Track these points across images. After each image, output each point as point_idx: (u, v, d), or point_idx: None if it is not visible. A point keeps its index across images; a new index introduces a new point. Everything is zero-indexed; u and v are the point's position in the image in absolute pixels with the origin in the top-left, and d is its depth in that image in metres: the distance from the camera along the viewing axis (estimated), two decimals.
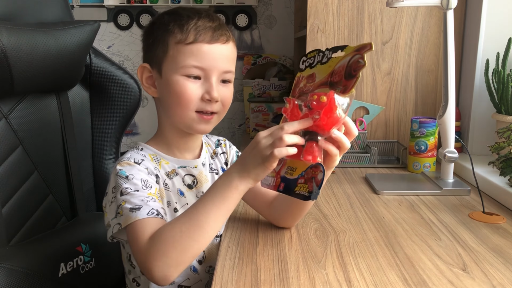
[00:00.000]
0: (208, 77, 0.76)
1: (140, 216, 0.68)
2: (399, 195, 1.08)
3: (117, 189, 0.73)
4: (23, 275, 0.85)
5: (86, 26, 0.98)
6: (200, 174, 0.85)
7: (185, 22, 0.75)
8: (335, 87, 0.64)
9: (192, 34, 0.74)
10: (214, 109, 0.77)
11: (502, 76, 1.19)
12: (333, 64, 0.66)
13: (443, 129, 1.10)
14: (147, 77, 0.80)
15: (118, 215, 0.70)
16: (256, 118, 1.90)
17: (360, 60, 0.62)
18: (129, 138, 2.45)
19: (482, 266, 0.71)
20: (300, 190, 0.64)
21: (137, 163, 0.75)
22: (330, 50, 0.68)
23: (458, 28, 1.37)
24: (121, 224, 0.69)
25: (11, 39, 0.83)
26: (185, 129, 0.80)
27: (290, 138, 0.62)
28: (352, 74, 0.62)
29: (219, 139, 0.95)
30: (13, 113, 0.91)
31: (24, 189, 0.92)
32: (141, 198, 0.70)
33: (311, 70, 0.71)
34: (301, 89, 0.71)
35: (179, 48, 0.75)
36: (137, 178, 0.73)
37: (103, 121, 1.10)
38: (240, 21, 2.31)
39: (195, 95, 0.75)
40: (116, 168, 0.75)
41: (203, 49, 0.74)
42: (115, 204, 0.72)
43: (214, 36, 0.75)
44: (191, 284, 0.83)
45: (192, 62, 0.74)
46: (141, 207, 0.69)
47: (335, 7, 1.41)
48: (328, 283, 0.66)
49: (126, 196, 0.70)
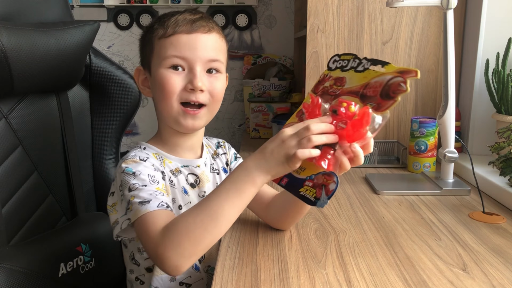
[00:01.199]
0: (191, 68, 0.76)
1: (150, 209, 0.68)
2: (399, 195, 1.08)
3: (124, 186, 0.72)
4: (23, 275, 0.85)
5: (86, 26, 0.98)
6: (202, 174, 0.85)
7: (167, 19, 0.78)
8: (366, 101, 0.62)
9: (171, 27, 0.76)
10: (199, 99, 0.76)
11: (502, 76, 1.19)
12: (370, 76, 0.64)
13: (443, 129, 1.10)
14: (143, 80, 0.83)
15: (128, 211, 0.70)
16: (256, 118, 1.90)
17: (403, 84, 0.59)
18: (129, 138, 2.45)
19: (482, 266, 0.71)
20: (306, 192, 0.63)
21: (142, 160, 0.76)
22: (369, 61, 0.66)
23: (458, 28, 1.37)
24: (130, 219, 0.69)
25: (11, 39, 0.83)
26: (173, 126, 0.80)
27: (318, 139, 0.61)
28: (390, 95, 0.60)
29: (218, 141, 0.96)
30: (13, 113, 0.91)
31: (24, 189, 0.92)
32: (149, 192, 0.70)
33: (342, 73, 0.69)
34: (326, 88, 0.69)
35: (161, 43, 0.77)
36: (144, 174, 0.73)
37: (103, 121, 1.10)
38: (240, 21, 2.31)
39: (178, 85, 0.76)
40: (122, 166, 0.75)
41: (182, 39, 0.76)
42: (124, 202, 0.72)
43: (193, 27, 0.76)
44: (192, 282, 0.83)
45: (172, 52, 0.75)
46: (150, 200, 0.69)
47: (335, 7, 1.41)
48: (328, 283, 0.66)
49: (135, 192, 0.70)
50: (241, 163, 0.67)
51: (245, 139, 1.91)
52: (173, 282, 0.81)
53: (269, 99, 1.98)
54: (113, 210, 0.75)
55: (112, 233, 0.75)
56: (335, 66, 0.71)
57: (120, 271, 1.09)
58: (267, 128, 1.89)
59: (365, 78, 0.64)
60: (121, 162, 0.76)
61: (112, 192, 0.77)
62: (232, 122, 2.43)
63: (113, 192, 0.77)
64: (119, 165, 0.76)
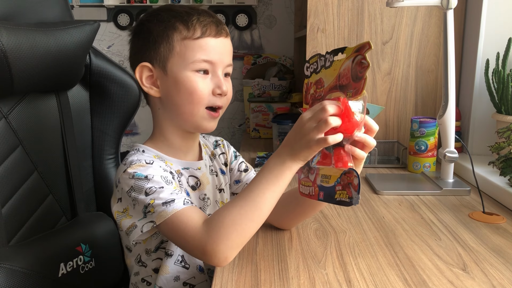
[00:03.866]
0: (215, 71, 0.77)
1: (178, 207, 0.68)
2: (399, 195, 1.08)
3: (138, 191, 0.71)
4: (23, 275, 0.85)
5: (86, 26, 0.97)
6: (203, 176, 0.85)
7: (187, 17, 0.76)
8: (345, 90, 0.64)
9: (198, 29, 0.75)
10: (223, 103, 0.78)
11: (502, 76, 1.19)
12: (337, 67, 0.66)
13: (443, 129, 1.10)
14: (147, 77, 0.78)
15: (149, 213, 0.69)
16: (256, 118, 1.90)
17: (363, 61, 0.62)
18: (129, 138, 2.45)
19: (482, 266, 0.71)
20: (341, 197, 0.64)
21: (149, 164, 0.74)
22: (331, 54, 0.68)
23: (458, 28, 1.37)
24: (155, 222, 0.68)
25: (11, 39, 0.83)
26: (191, 128, 0.80)
27: (334, 121, 0.62)
28: (358, 76, 0.62)
29: (216, 140, 0.94)
30: (13, 113, 0.91)
31: (24, 189, 0.92)
32: (169, 192, 0.70)
33: (317, 75, 0.71)
34: (313, 95, 0.71)
35: (187, 44, 0.75)
36: (156, 176, 0.72)
37: (103, 121, 1.10)
38: (240, 21, 2.31)
39: (207, 90, 0.76)
40: (129, 171, 0.73)
41: (211, 43, 0.76)
42: (140, 205, 0.70)
43: (218, 30, 0.77)
44: (196, 283, 0.83)
45: (202, 56, 0.75)
46: (174, 199, 0.69)
47: (335, 7, 1.41)
48: (328, 283, 0.66)
49: (154, 194, 0.70)
50: (275, 152, 0.69)
51: (245, 139, 1.91)
52: (177, 282, 0.81)
53: (269, 99, 1.98)
54: (125, 215, 0.73)
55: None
56: (310, 72, 0.73)
57: (120, 271, 1.09)
58: (267, 128, 1.89)
59: (335, 70, 0.67)
60: (125, 168, 0.74)
61: (118, 198, 0.75)
62: (232, 122, 2.43)
63: (120, 198, 0.75)
64: (121, 171, 0.74)
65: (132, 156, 0.77)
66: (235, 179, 0.92)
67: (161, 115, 0.81)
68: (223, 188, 0.89)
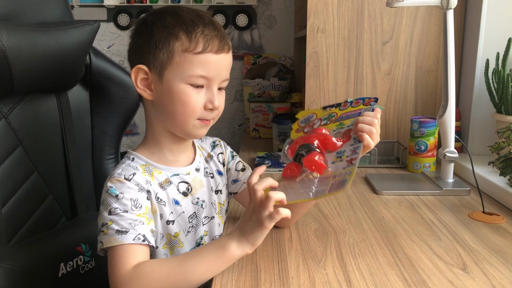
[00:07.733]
0: (210, 86, 0.76)
1: (125, 241, 0.67)
2: (399, 195, 1.08)
3: (105, 206, 0.72)
4: (23, 275, 0.85)
5: (86, 26, 0.97)
6: (194, 180, 0.84)
7: (191, 28, 0.74)
8: None
9: (201, 43, 0.74)
10: (213, 117, 0.79)
11: (502, 76, 1.19)
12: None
13: (443, 129, 1.10)
14: (142, 79, 0.77)
15: (102, 232, 0.70)
16: (256, 118, 1.90)
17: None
18: (129, 138, 2.45)
19: (482, 266, 0.71)
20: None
21: (127, 180, 0.74)
22: None
23: (458, 28, 1.37)
24: (103, 243, 0.69)
25: (11, 39, 0.83)
26: (181, 134, 0.80)
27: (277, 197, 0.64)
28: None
29: (214, 141, 0.93)
30: (13, 113, 0.91)
31: (24, 189, 0.92)
32: (129, 221, 0.69)
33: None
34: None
35: (187, 57, 0.74)
36: (126, 198, 0.71)
37: (103, 121, 1.10)
38: (240, 21, 2.31)
39: (200, 104, 0.76)
40: (107, 184, 0.74)
41: (211, 59, 0.75)
42: (100, 219, 0.72)
43: (220, 46, 0.75)
44: None
45: (199, 72, 0.74)
46: (128, 231, 0.68)
47: (335, 7, 1.41)
48: (328, 283, 0.66)
49: (114, 217, 0.70)
50: (227, 235, 0.68)
51: (245, 139, 1.91)
52: None
53: (269, 99, 1.98)
54: None
55: None
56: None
57: None
58: (267, 128, 1.89)
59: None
60: (108, 178, 0.75)
61: None
62: (232, 122, 2.43)
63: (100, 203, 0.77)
64: (107, 180, 0.75)
65: (119, 165, 0.78)
66: (233, 178, 0.92)
67: (153, 117, 0.81)
68: (221, 189, 0.89)
